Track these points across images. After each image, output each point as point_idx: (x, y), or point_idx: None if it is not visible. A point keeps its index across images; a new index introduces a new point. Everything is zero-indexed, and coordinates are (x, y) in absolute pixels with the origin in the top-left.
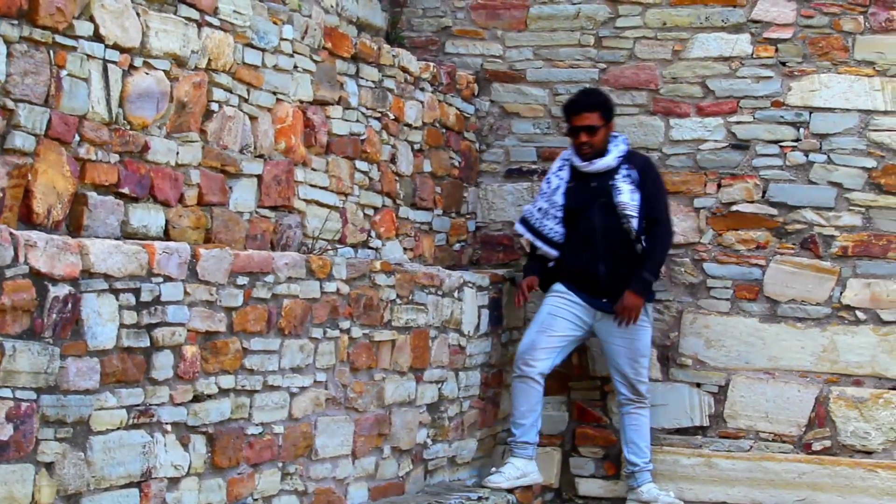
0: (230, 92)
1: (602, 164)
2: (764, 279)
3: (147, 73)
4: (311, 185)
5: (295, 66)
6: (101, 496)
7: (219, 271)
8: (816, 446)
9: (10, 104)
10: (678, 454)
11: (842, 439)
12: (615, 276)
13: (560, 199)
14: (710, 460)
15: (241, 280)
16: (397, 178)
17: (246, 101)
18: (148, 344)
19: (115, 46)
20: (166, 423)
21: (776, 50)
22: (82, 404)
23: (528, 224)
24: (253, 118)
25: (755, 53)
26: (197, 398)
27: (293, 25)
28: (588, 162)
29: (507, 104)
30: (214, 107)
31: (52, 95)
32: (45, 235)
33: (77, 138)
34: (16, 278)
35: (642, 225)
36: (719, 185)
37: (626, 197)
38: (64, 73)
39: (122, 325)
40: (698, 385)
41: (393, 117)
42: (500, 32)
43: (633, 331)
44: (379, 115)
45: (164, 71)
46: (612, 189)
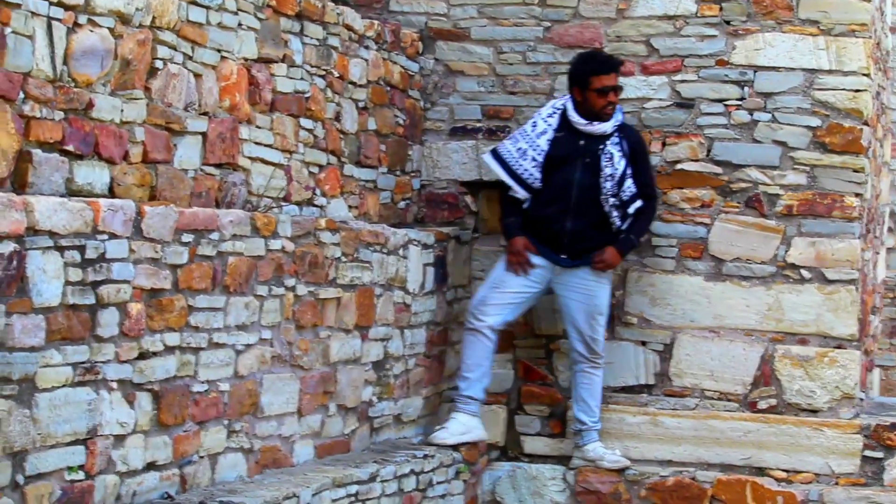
0: (175, 49)
1: (601, 128)
2: (709, 238)
3: (91, 31)
4: (256, 143)
5: (239, 24)
6: (46, 453)
7: (164, 229)
8: (762, 405)
9: None
10: (624, 412)
11: (787, 398)
12: (579, 234)
13: (545, 145)
14: (656, 419)
15: (186, 237)
16: (342, 135)
17: (190, 58)
18: (93, 301)
19: (60, 4)
20: (112, 381)
21: (720, 9)
22: (28, 361)
23: (503, 161)
24: (197, 76)
25: (699, 12)
26: (142, 355)
27: None
28: (588, 122)
29: (452, 62)
30: (159, 64)
31: None
32: None
33: (21, 95)
34: None
35: (616, 192)
36: (664, 144)
37: (616, 163)
38: (8, 30)
39: (67, 283)
40: (644, 343)
41: (337, 75)
42: None
43: (592, 288)
44: (323, 73)
45: (109, 28)
46: (601, 153)
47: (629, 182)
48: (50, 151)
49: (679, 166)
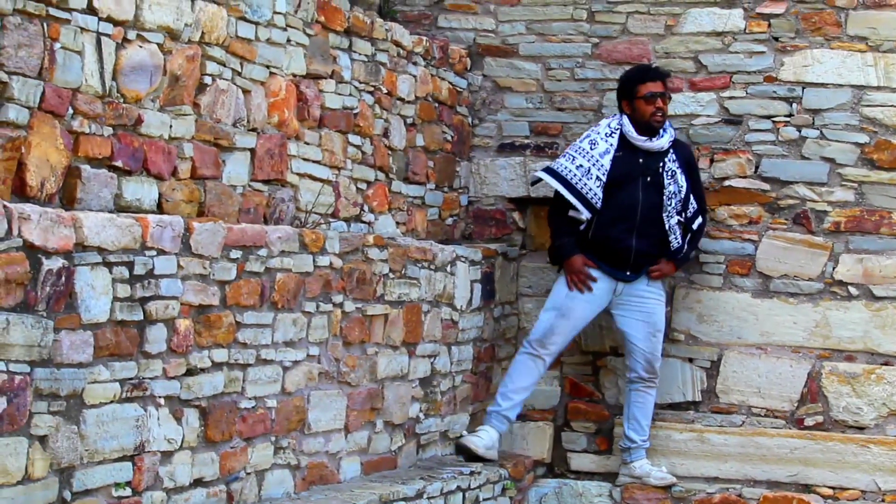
0: (223, 65)
1: (658, 144)
2: (756, 254)
3: (140, 46)
4: (304, 159)
5: (288, 40)
6: (94, 469)
7: (212, 245)
8: (808, 422)
9: (4, 77)
10: (670, 429)
11: (834, 415)
12: (644, 253)
13: (608, 164)
14: (703, 435)
15: (235, 254)
16: (390, 152)
17: (239, 74)
18: (141, 317)
19: (109, 19)
20: (159, 397)
21: (769, 25)
22: (76, 377)
23: (563, 179)
24: (246, 92)
25: (748, 28)
26: (190, 372)
27: None
28: (647, 138)
29: (500, 78)
30: (207, 80)
31: (46, 68)
32: (39, 208)
33: (70, 111)
34: (9, 251)
35: (679, 210)
36: (712, 160)
37: (679, 180)
38: (58, 45)
39: (115, 299)
40: (690, 360)
41: (386, 91)
42: (492, 7)
43: (651, 305)
44: (372, 89)
45: (158, 44)
46: (664, 171)
47: (692, 199)
48: (98, 167)
49: (727, 183)
